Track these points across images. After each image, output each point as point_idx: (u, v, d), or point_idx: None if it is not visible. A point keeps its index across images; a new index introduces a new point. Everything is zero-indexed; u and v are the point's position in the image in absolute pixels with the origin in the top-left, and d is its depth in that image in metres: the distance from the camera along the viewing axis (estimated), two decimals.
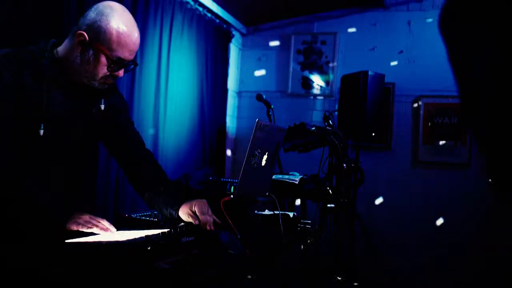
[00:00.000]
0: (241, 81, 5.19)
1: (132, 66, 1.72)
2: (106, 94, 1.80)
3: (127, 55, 1.64)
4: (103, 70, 1.63)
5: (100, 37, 1.59)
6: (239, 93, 5.18)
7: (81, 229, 1.52)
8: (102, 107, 1.78)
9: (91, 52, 1.61)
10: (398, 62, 4.63)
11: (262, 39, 5.13)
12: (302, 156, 3.45)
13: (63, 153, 1.71)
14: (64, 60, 1.66)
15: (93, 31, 1.59)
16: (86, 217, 1.58)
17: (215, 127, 4.58)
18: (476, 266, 4.26)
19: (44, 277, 1.34)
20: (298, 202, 3.18)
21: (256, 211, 2.12)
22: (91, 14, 1.62)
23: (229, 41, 4.85)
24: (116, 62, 1.63)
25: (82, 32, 1.60)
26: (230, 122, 5.04)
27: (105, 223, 1.59)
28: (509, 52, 0.52)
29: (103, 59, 1.61)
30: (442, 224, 4.41)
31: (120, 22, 1.61)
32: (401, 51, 4.64)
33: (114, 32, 1.59)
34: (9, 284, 1.38)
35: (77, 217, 1.56)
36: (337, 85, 4.70)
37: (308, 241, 2.31)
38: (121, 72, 1.68)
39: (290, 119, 3.61)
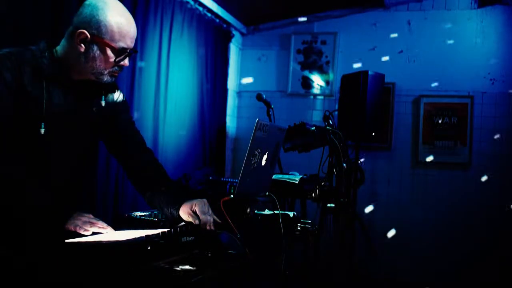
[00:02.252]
0: (241, 81, 5.19)
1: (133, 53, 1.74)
2: (107, 93, 1.80)
3: (129, 43, 1.66)
4: (111, 63, 1.65)
5: (102, 31, 1.60)
6: (239, 93, 5.18)
7: (78, 231, 1.52)
8: (103, 103, 1.78)
9: (95, 48, 1.61)
10: (398, 62, 4.63)
11: (262, 39, 5.13)
12: (302, 156, 3.45)
13: (63, 152, 1.71)
14: (64, 60, 1.66)
15: (93, 27, 1.60)
16: (85, 218, 1.57)
17: (215, 127, 4.58)
18: (476, 266, 4.26)
19: (44, 277, 1.34)
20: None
21: (256, 211, 2.12)
22: (86, 11, 1.62)
23: (229, 41, 4.84)
24: (121, 53, 1.65)
25: (82, 30, 1.60)
26: (230, 122, 5.04)
27: (103, 225, 1.59)
28: None
29: (109, 52, 1.62)
30: (442, 224, 4.40)
31: (117, 13, 1.63)
32: (401, 51, 4.64)
33: (114, 23, 1.61)
34: (10, 284, 1.38)
35: (76, 218, 1.56)
36: (337, 85, 4.70)
37: (308, 241, 2.31)
38: (126, 61, 1.70)
39: (290, 119, 3.61)
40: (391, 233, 4.54)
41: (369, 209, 4.60)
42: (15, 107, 1.57)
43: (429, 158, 4.49)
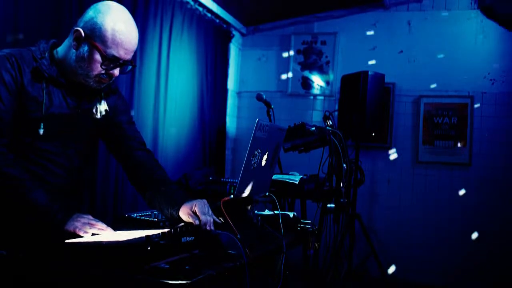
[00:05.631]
0: (241, 81, 5.19)
1: (130, 67, 1.71)
2: (107, 94, 1.80)
3: (122, 53, 1.62)
4: (97, 68, 1.61)
5: (95, 34, 1.58)
6: (239, 93, 5.18)
7: (77, 232, 1.51)
8: (103, 106, 1.77)
9: (86, 48, 1.60)
10: (398, 62, 4.63)
11: (262, 39, 5.13)
12: (302, 156, 3.45)
13: (63, 153, 1.71)
14: (63, 60, 1.66)
15: (89, 28, 1.59)
16: (85, 219, 1.57)
17: (215, 127, 4.59)
18: (475, 265, 4.26)
19: (44, 277, 1.34)
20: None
21: (256, 211, 2.12)
22: (89, 12, 1.62)
23: (229, 41, 4.85)
24: (110, 60, 1.61)
25: (78, 28, 1.60)
26: (230, 122, 5.04)
27: (102, 226, 1.59)
28: None
29: (97, 56, 1.59)
30: (442, 224, 4.41)
31: (117, 20, 1.60)
32: (401, 51, 4.64)
33: (109, 29, 1.58)
34: (9, 284, 1.38)
35: (76, 220, 1.56)
36: (337, 85, 4.70)
37: (308, 241, 2.31)
38: (116, 72, 1.66)
39: (290, 119, 3.61)
40: (391, 233, 4.54)
41: (369, 208, 4.60)
42: (15, 107, 1.57)
43: (429, 158, 4.48)
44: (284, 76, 5.01)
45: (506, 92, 4.34)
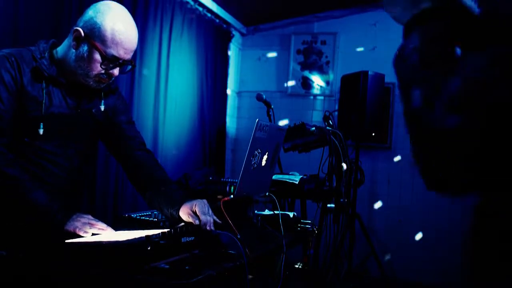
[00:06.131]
0: (241, 81, 5.19)
1: (130, 67, 1.71)
2: (106, 94, 1.80)
3: (122, 53, 1.62)
4: (97, 68, 1.61)
5: (94, 33, 1.59)
6: (239, 93, 5.18)
7: (77, 232, 1.51)
8: (102, 108, 1.77)
9: (85, 48, 1.60)
10: None
11: (262, 39, 5.13)
12: (302, 156, 3.45)
13: (63, 153, 1.71)
14: (63, 60, 1.66)
15: (89, 27, 1.59)
16: (85, 219, 1.57)
17: (215, 127, 4.59)
18: (475, 266, 4.25)
19: (44, 277, 1.34)
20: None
21: (256, 211, 2.12)
22: (89, 12, 1.63)
23: (229, 41, 4.84)
24: (110, 60, 1.61)
25: (78, 28, 1.60)
26: (230, 122, 5.04)
27: (102, 226, 1.58)
28: None
29: (97, 55, 1.60)
30: (441, 224, 4.40)
31: (116, 20, 1.60)
32: None
33: (108, 28, 1.58)
34: (9, 284, 1.38)
35: (76, 220, 1.56)
36: (337, 85, 4.70)
37: (308, 241, 2.31)
38: (116, 71, 1.66)
39: (290, 119, 3.61)
40: (391, 233, 4.53)
41: (369, 208, 4.60)
42: (14, 107, 1.57)
43: None
44: (284, 76, 5.00)
45: None
